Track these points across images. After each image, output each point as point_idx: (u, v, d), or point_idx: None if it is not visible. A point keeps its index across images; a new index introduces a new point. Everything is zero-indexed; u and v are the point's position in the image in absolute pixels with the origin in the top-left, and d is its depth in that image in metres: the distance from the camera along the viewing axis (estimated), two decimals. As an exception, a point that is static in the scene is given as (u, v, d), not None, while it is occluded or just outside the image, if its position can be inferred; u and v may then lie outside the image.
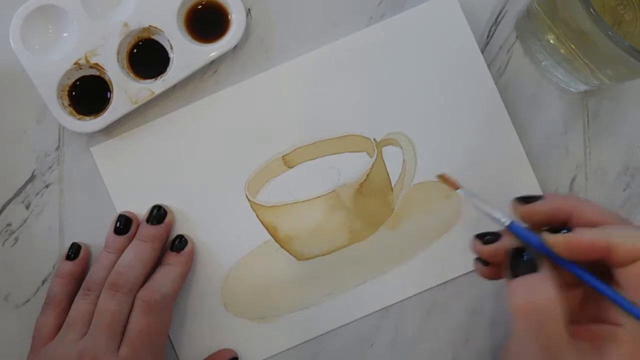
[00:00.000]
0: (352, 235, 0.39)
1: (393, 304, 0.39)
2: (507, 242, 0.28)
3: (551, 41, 0.36)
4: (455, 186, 0.32)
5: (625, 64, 0.31)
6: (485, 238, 0.29)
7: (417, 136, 0.39)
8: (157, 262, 0.38)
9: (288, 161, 0.39)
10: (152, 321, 0.34)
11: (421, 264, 0.39)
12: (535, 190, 0.39)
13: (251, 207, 0.39)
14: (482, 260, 0.31)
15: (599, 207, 0.28)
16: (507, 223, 0.28)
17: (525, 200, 0.29)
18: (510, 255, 0.27)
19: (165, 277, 0.36)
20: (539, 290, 0.26)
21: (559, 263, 0.27)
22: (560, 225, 0.28)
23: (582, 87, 0.39)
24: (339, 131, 0.39)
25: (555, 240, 0.26)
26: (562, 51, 0.36)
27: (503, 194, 0.38)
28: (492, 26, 0.40)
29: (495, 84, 0.39)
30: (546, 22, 0.35)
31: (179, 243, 0.38)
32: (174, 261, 0.37)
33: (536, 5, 0.36)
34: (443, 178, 0.32)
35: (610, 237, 0.26)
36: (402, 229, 0.39)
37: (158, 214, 0.38)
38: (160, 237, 0.38)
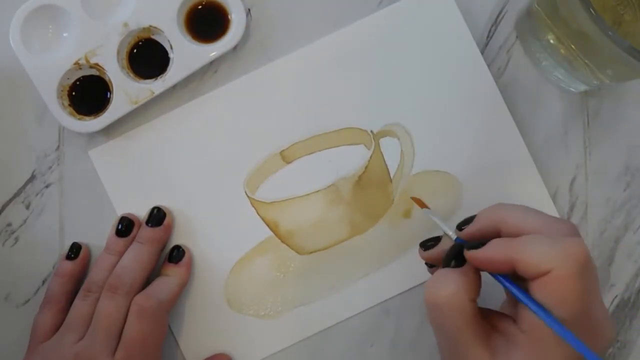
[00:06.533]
0: (352, 228, 0.39)
1: (394, 305, 0.39)
2: (445, 245, 0.31)
3: (551, 41, 0.36)
4: (424, 206, 0.36)
5: (625, 64, 0.31)
6: (427, 244, 0.32)
7: (414, 127, 0.39)
8: (157, 265, 0.38)
9: (286, 157, 0.39)
10: (146, 327, 0.34)
11: None
12: (539, 187, 0.39)
13: (251, 204, 0.39)
14: (429, 264, 0.34)
15: (522, 214, 0.29)
16: (454, 238, 0.31)
17: (461, 225, 0.31)
18: (444, 255, 0.30)
19: (162, 285, 0.37)
20: (441, 286, 0.28)
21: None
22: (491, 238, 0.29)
23: (582, 87, 0.39)
24: (336, 124, 0.39)
25: (471, 255, 0.28)
26: (562, 51, 0.36)
27: (504, 188, 0.39)
28: (492, 26, 0.40)
29: (495, 83, 0.39)
30: (546, 22, 0.35)
31: (177, 254, 0.38)
32: (172, 272, 0.38)
33: (536, 5, 0.36)
34: (415, 199, 0.37)
35: (515, 252, 0.26)
36: (403, 220, 0.39)
37: (157, 216, 0.38)
38: (159, 239, 0.38)
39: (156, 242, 0.38)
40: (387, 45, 0.39)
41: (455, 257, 0.29)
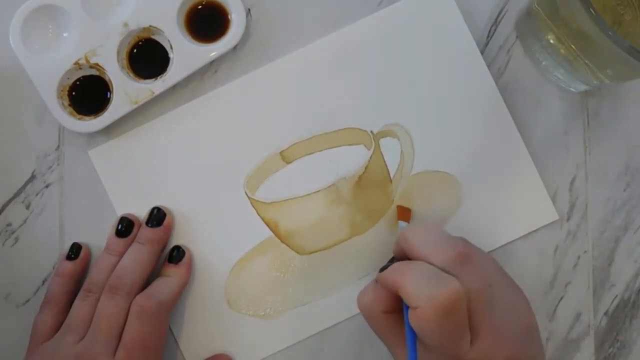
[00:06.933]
0: (352, 228, 0.39)
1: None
2: None
3: (551, 41, 0.36)
4: (402, 217, 0.38)
5: (625, 64, 0.31)
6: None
7: (414, 127, 0.39)
8: (157, 265, 0.38)
9: (286, 157, 0.39)
10: (146, 327, 0.34)
11: None
12: (539, 187, 0.39)
13: (251, 204, 0.39)
14: None
15: (418, 237, 0.31)
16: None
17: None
18: None
19: (163, 285, 0.37)
20: (362, 296, 0.33)
21: None
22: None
23: (582, 87, 0.39)
24: (336, 124, 0.39)
25: (377, 276, 0.32)
26: (562, 51, 0.36)
27: (504, 188, 0.39)
28: (492, 26, 0.40)
29: (495, 83, 0.39)
30: (546, 22, 0.35)
31: (177, 254, 0.38)
32: (172, 272, 0.38)
33: (536, 5, 0.36)
34: (400, 208, 0.39)
35: (399, 280, 0.29)
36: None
37: (157, 216, 0.38)
38: (159, 239, 0.38)
39: (156, 242, 0.38)
40: (387, 45, 0.39)
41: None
